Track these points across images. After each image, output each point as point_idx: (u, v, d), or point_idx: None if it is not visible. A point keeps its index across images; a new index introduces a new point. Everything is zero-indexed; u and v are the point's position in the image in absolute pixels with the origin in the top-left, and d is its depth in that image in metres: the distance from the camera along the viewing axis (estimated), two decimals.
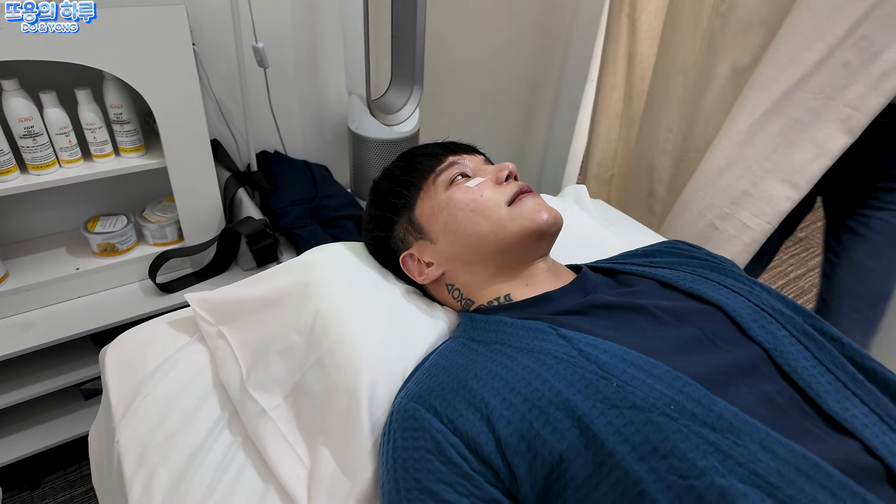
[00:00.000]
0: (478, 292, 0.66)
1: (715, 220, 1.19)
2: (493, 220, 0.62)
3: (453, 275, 0.67)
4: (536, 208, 0.62)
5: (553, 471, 0.42)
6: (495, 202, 0.63)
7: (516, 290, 0.62)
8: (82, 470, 1.25)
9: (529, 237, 0.61)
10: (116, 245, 1.13)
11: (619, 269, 0.67)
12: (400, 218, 0.69)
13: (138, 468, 0.62)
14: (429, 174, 0.68)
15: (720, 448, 0.40)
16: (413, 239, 0.68)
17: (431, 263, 0.67)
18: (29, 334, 1.02)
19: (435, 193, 0.67)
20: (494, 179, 0.65)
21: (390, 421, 0.53)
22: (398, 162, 0.73)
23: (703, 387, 0.44)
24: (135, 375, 0.71)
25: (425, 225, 0.67)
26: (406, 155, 0.73)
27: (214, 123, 1.28)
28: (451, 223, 0.64)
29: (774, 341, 0.50)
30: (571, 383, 0.46)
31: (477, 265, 0.65)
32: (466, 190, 0.64)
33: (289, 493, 0.59)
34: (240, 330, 0.71)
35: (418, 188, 0.68)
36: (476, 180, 0.66)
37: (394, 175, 0.71)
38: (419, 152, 0.71)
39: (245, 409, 0.66)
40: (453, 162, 0.68)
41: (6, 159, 0.93)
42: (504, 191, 0.64)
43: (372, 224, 0.73)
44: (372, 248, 0.75)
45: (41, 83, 0.95)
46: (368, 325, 0.65)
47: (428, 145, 0.72)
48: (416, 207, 0.68)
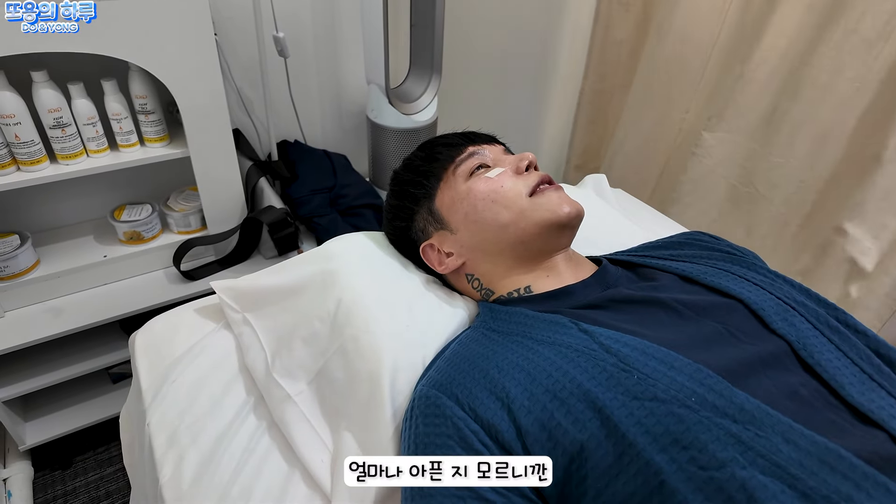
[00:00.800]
0: (497, 283, 0.66)
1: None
2: (514, 211, 0.62)
3: (473, 265, 0.67)
4: (558, 200, 0.62)
5: (573, 461, 0.43)
6: (516, 192, 0.63)
7: (537, 281, 0.63)
8: (111, 450, 1.29)
9: (550, 229, 0.62)
10: (142, 233, 1.16)
11: (639, 262, 0.67)
12: (420, 208, 0.70)
13: (168, 449, 0.64)
14: (449, 165, 0.68)
15: (741, 439, 0.40)
16: (433, 229, 0.69)
17: (451, 253, 0.67)
18: (60, 320, 1.05)
19: (455, 184, 0.67)
20: (515, 169, 0.65)
21: (412, 407, 0.54)
22: (418, 152, 0.73)
23: (725, 379, 0.44)
24: (163, 361, 0.73)
25: (445, 215, 0.67)
26: (426, 145, 0.73)
27: (236, 113, 1.30)
28: (471, 213, 0.64)
29: (797, 334, 0.50)
30: (593, 375, 0.46)
31: (497, 256, 0.65)
32: (487, 180, 0.64)
33: (313, 477, 0.60)
34: (264, 317, 0.73)
35: (438, 178, 0.68)
36: (496, 170, 0.65)
37: (414, 165, 0.71)
38: (439, 142, 0.71)
39: (270, 395, 0.67)
40: (473, 152, 0.68)
41: (37, 149, 0.96)
42: (525, 181, 0.64)
43: (392, 214, 0.74)
44: (392, 238, 0.76)
45: (69, 74, 0.97)
46: (390, 313, 0.66)
47: (447, 135, 0.72)
48: (437, 198, 0.68)
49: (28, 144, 0.94)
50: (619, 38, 1.59)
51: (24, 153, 0.95)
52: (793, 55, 1.20)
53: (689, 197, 1.49)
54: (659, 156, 1.57)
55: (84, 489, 1.22)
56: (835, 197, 1.20)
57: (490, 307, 0.64)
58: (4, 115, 0.91)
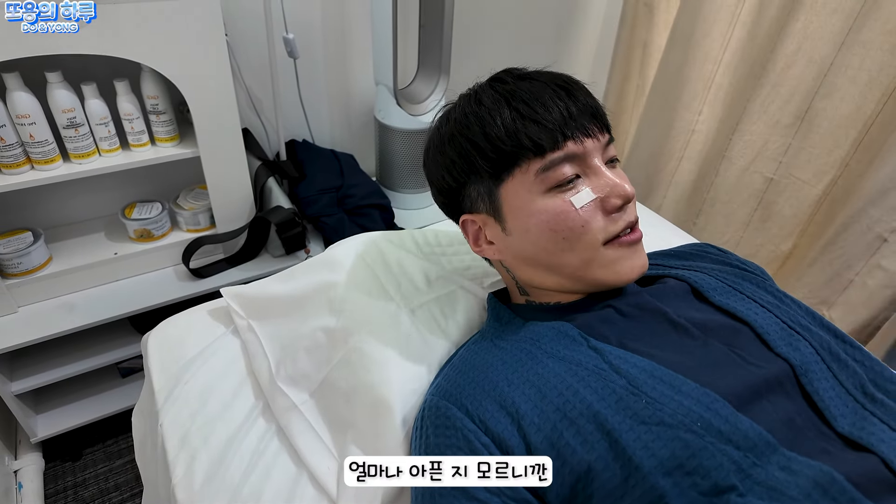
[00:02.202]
0: (534, 291, 0.63)
1: (884, 232, 1.22)
2: (582, 257, 0.55)
3: (513, 266, 0.62)
4: (630, 264, 0.55)
5: (580, 480, 0.44)
6: (592, 240, 0.54)
7: (568, 297, 0.61)
8: (119, 444, 1.31)
9: (609, 286, 0.57)
10: (152, 231, 1.17)
11: (652, 273, 0.66)
12: (479, 182, 0.58)
13: (180, 450, 0.66)
14: (535, 159, 0.54)
15: (742, 467, 0.41)
16: (484, 209, 0.59)
17: (493, 244, 0.61)
18: (72, 315, 1.07)
19: (531, 186, 0.54)
20: (604, 206, 0.54)
21: (422, 417, 0.55)
22: (507, 111, 0.54)
23: (730, 404, 0.45)
24: (176, 362, 0.75)
25: (505, 211, 0.57)
26: (516, 108, 0.54)
27: (245, 113, 1.31)
28: (534, 233, 0.55)
29: (801, 358, 0.50)
30: (602, 397, 0.47)
31: (542, 277, 0.60)
32: (567, 211, 0.53)
33: (320, 483, 0.62)
34: (269, 325, 0.74)
35: (515, 165, 0.55)
36: (584, 195, 0.54)
37: (492, 133, 0.54)
38: (536, 117, 0.53)
39: (275, 402, 0.69)
40: (571, 156, 0.54)
41: (50, 149, 0.97)
42: (608, 226, 0.54)
43: (444, 166, 0.60)
44: (436, 186, 0.64)
45: (82, 75, 0.98)
46: (392, 322, 0.67)
47: (549, 102, 0.54)
48: (505, 185, 0.56)
49: (42, 144, 0.96)
50: (642, 39, 1.59)
51: (39, 152, 0.96)
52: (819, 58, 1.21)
53: (722, 195, 1.50)
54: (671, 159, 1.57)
55: (93, 481, 1.24)
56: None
57: (499, 315, 0.64)
58: (20, 115, 0.92)
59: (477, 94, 0.58)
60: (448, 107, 0.62)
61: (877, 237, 1.23)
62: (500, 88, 0.56)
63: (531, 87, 0.55)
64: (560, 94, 0.55)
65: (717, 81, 1.41)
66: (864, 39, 1.15)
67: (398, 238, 0.81)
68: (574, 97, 0.55)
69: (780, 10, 1.23)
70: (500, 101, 0.55)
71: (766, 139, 1.36)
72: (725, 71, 1.38)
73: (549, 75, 0.58)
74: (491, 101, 0.56)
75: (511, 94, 0.55)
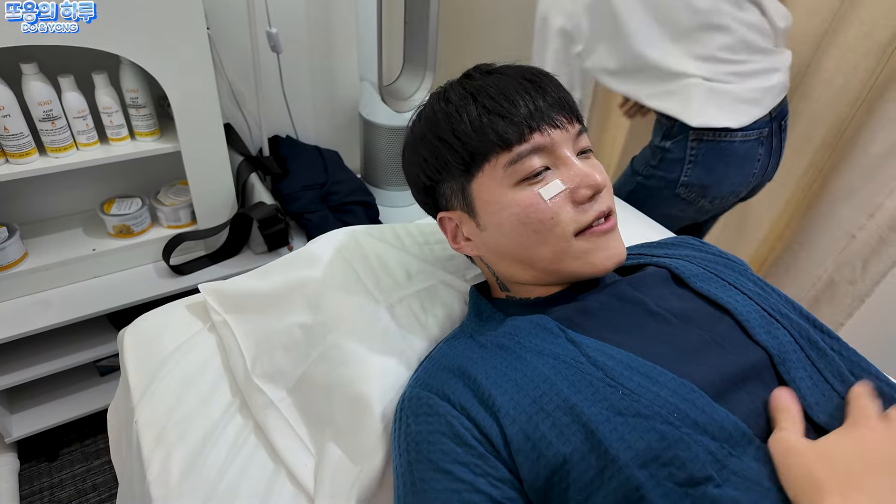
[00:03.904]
0: (514, 286, 0.63)
1: (853, 230, 1.25)
2: (554, 249, 0.55)
3: (491, 261, 0.62)
4: (604, 254, 0.55)
5: (555, 472, 0.44)
6: (563, 232, 0.54)
7: (546, 290, 0.61)
8: (98, 443, 1.29)
9: (584, 277, 0.57)
10: (131, 227, 1.16)
11: (633, 263, 0.66)
12: (452, 179, 0.58)
13: (156, 447, 0.65)
14: (503, 153, 0.54)
15: (718, 458, 0.41)
16: (459, 206, 0.59)
17: (470, 240, 0.61)
18: (49, 313, 1.05)
19: (501, 180, 0.54)
20: (573, 197, 0.54)
21: (401, 409, 0.54)
22: (473, 107, 0.54)
23: (708, 393, 0.45)
24: (152, 358, 0.74)
25: (478, 206, 0.57)
26: (482, 103, 0.54)
27: (227, 107, 1.29)
28: (506, 227, 0.56)
29: (779, 347, 0.51)
30: (579, 389, 0.47)
31: (518, 271, 0.60)
32: (537, 203, 0.53)
33: (298, 480, 0.61)
34: (244, 321, 0.73)
35: (485, 160, 0.55)
36: (553, 186, 0.53)
37: (460, 130, 0.55)
38: (502, 111, 0.53)
39: (252, 399, 0.68)
40: (538, 147, 0.53)
41: (26, 142, 0.95)
42: (578, 216, 0.54)
43: (417, 164, 0.61)
44: (413, 185, 0.65)
45: (59, 67, 0.97)
46: (371, 319, 0.66)
47: (514, 96, 0.54)
48: (476, 180, 0.56)
49: (17, 137, 0.94)
50: None
51: (13, 145, 0.94)
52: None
53: None
54: None
55: (70, 481, 1.22)
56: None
57: (479, 310, 0.64)
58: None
59: (446, 91, 0.59)
60: (421, 106, 0.62)
61: (845, 234, 1.25)
62: (467, 85, 0.57)
63: (498, 82, 0.55)
64: (527, 87, 0.55)
65: None
66: (840, 42, 1.16)
67: (378, 231, 0.80)
68: (541, 90, 0.55)
69: None
70: (467, 97, 0.56)
71: None
72: None
73: (517, 69, 0.58)
74: (458, 98, 0.56)
75: (478, 90, 0.55)
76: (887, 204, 1.19)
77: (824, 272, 1.31)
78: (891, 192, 1.18)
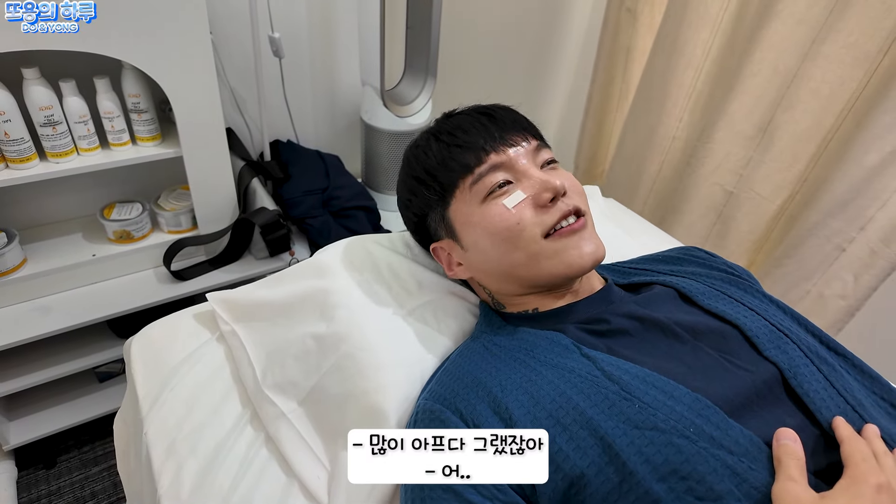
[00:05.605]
0: (507, 300, 0.65)
1: (843, 243, 1.24)
2: (527, 254, 0.57)
3: (483, 280, 0.66)
4: (577, 252, 0.56)
5: (573, 485, 0.44)
6: (531, 235, 0.56)
7: (544, 302, 0.62)
8: (96, 450, 1.28)
9: (564, 278, 0.58)
10: (132, 232, 1.15)
11: (640, 280, 0.67)
12: (433, 211, 0.64)
13: (167, 459, 0.64)
14: (466, 176, 0.59)
15: (737, 471, 0.42)
16: (445, 235, 0.64)
17: (461, 265, 0.65)
18: (48, 319, 1.04)
19: (469, 200, 0.59)
20: (535, 202, 0.57)
21: (414, 420, 0.55)
22: (435, 144, 0.62)
23: (722, 409, 0.46)
24: (161, 368, 0.73)
25: (458, 229, 0.62)
26: (443, 140, 0.62)
27: (229, 112, 1.28)
28: (482, 242, 0.59)
29: (789, 361, 0.51)
30: (595, 403, 0.47)
31: (505, 283, 0.62)
32: (502, 212, 0.57)
33: (311, 493, 0.61)
34: (254, 331, 0.73)
35: (454, 187, 0.60)
36: (515, 196, 0.57)
37: (428, 166, 0.62)
38: (458, 142, 0.60)
39: (263, 410, 0.67)
40: (496, 165, 0.58)
41: (26, 147, 0.94)
42: (543, 218, 0.57)
43: (404, 205, 0.68)
44: (406, 224, 0.71)
45: (61, 72, 0.95)
46: (384, 328, 0.66)
47: (469, 127, 0.61)
48: (451, 207, 0.62)
49: (18, 142, 0.93)
50: (625, 44, 1.60)
51: (14, 151, 0.93)
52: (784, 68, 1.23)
53: (685, 205, 1.52)
54: (652, 164, 1.59)
55: (69, 489, 1.20)
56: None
57: (490, 320, 0.65)
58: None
59: (416, 139, 0.67)
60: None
61: (836, 248, 1.25)
62: (431, 129, 0.65)
63: (455, 121, 0.63)
64: (481, 119, 0.62)
65: (698, 89, 1.42)
66: (827, 52, 1.16)
67: (388, 241, 0.80)
68: (494, 119, 0.62)
69: (754, 19, 1.24)
70: (430, 138, 0.64)
71: (729, 150, 1.37)
72: (706, 79, 1.40)
73: (475, 108, 0.65)
74: (423, 141, 0.65)
75: (438, 130, 0.64)
76: (878, 216, 1.19)
77: (813, 286, 1.31)
78: (882, 205, 1.18)
